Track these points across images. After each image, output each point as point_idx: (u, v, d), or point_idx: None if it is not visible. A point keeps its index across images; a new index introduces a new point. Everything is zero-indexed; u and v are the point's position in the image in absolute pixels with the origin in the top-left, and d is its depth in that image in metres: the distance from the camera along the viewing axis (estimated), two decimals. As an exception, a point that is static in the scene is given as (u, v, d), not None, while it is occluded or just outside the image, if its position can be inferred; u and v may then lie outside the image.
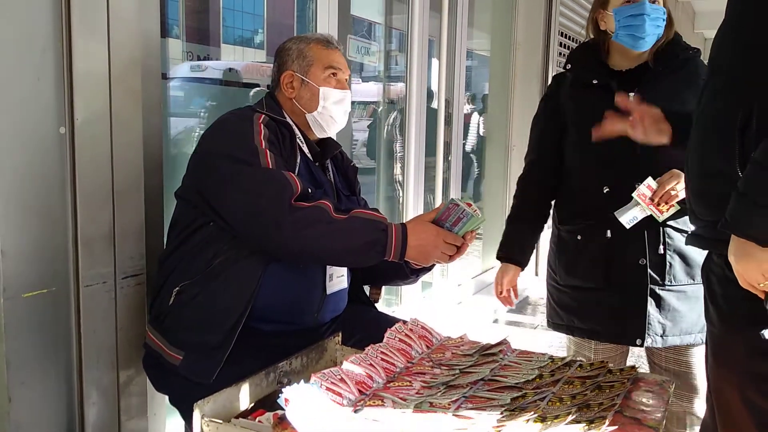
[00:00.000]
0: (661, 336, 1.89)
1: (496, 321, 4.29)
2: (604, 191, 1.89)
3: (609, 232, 1.89)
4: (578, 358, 1.42)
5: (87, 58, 1.55)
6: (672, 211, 1.82)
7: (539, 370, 1.34)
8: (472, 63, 5.08)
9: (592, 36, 2.00)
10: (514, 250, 2.16)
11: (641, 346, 1.91)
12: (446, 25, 3.86)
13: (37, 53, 1.46)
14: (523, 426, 1.07)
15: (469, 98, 5.35)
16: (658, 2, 1.85)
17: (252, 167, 1.47)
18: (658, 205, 1.80)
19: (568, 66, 2.03)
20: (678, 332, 1.89)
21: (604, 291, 1.93)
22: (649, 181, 1.81)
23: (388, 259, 1.48)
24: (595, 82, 1.92)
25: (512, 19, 4.92)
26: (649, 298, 1.88)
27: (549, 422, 1.09)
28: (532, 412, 1.13)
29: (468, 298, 4.45)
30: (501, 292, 2.17)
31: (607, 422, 1.09)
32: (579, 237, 1.98)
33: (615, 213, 1.85)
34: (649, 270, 1.87)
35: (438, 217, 1.52)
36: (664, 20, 1.85)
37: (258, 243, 1.50)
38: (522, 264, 2.16)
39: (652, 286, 1.88)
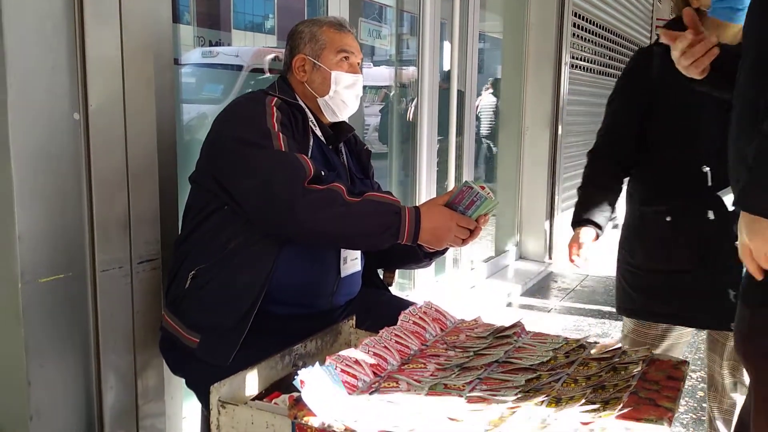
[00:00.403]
0: None
1: (509, 305, 4.29)
2: (704, 170, 1.79)
3: (711, 213, 1.80)
4: (593, 340, 1.41)
5: (100, 45, 1.55)
6: None
7: (554, 351, 1.34)
8: (484, 45, 5.04)
9: (676, 14, 1.92)
10: (591, 212, 2.00)
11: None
12: (458, 7, 3.82)
13: (51, 40, 1.47)
14: (537, 407, 1.07)
15: (491, 83, 5.33)
16: None
17: (264, 150, 1.47)
18: None
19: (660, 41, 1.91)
20: None
21: (695, 274, 1.84)
22: None
23: (401, 242, 1.48)
24: None
25: (525, 0, 4.86)
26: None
27: (564, 403, 1.09)
28: (547, 394, 1.13)
29: (481, 282, 4.46)
30: (576, 254, 2.01)
31: (621, 403, 1.09)
32: (668, 218, 1.87)
33: (720, 193, 1.75)
34: None
35: (451, 200, 1.52)
36: None
37: (271, 226, 1.50)
38: (600, 226, 2.00)
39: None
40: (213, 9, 2.89)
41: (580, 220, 2.02)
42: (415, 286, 3.62)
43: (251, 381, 1.30)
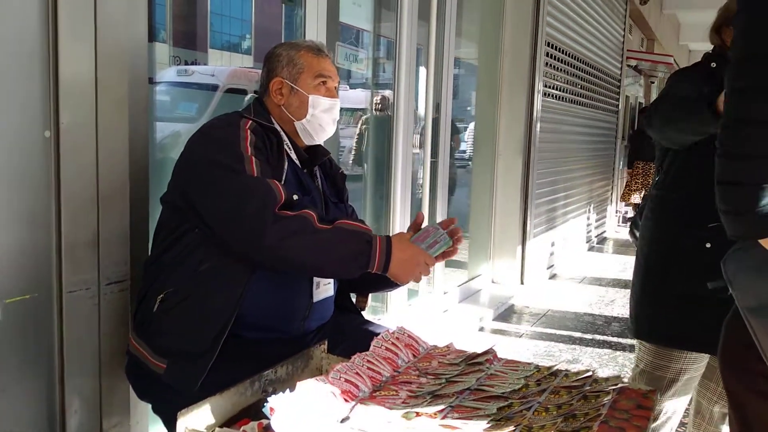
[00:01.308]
0: None
1: (481, 329, 4.29)
2: None
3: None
4: (564, 368, 1.42)
5: (73, 63, 1.54)
6: None
7: (525, 379, 1.33)
8: (460, 71, 5.11)
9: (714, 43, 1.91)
10: None
11: None
12: (434, 33, 3.87)
13: (24, 57, 1.45)
14: (509, 436, 1.07)
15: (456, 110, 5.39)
16: None
17: (237, 174, 1.46)
18: None
19: (713, 65, 1.89)
20: None
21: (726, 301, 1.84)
22: None
23: (371, 272, 1.48)
24: None
25: (500, 28, 4.95)
26: None
27: (535, 432, 1.09)
28: (518, 422, 1.13)
29: (454, 306, 4.46)
30: None
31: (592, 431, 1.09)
32: (708, 245, 1.81)
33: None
34: None
35: (416, 237, 1.58)
36: None
37: (241, 251, 1.48)
38: None
39: None
40: (189, 28, 2.89)
41: None
42: (388, 310, 3.61)
43: (219, 407, 1.27)
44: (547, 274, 5.82)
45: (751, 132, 1.03)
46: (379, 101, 3.68)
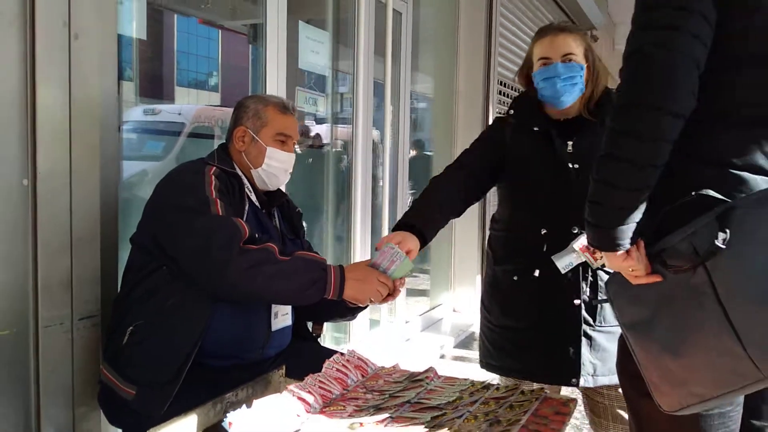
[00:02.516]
0: (592, 376, 1.93)
1: (443, 356, 4.44)
2: (542, 233, 1.94)
3: (537, 272, 1.94)
4: (495, 382, 1.59)
5: (50, 114, 1.68)
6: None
7: (460, 392, 1.51)
8: (418, 105, 5.32)
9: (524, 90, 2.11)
10: (418, 218, 1.89)
11: (576, 386, 1.94)
12: (390, 69, 4.03)
13: (3, 108, 1.60)
14: (438, 440, 1.24)
15: (414, 144, 5.58)
16: (575, 60, 1.93)
17: (204, 215, 1.62)
18: (594, 253, 1.81)
19: (511, 112, 2.08)
20: (607, 372, 1.93)
21: (538, 331, 1.96)
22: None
23: (327, 297, 1.64)
24: (535, 129, 1.98)
25: (454, 67, 5.20)
26: (583, 338, 1.92)
27: (462, 436, 1.25)
28: (449, 428, 1.29)
29: (416, 335, 4.60)
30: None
31: (511, 434, 1.26)
32: (515, 277, 1.99)
33: (553, 257, 1.89)
34: (582, 311, 1.92)
35: (374, 260, 1.71)
36: (581, 77, 1.93)
37: (208, 283, 1.63)
38: (424, 237, 1.85)
39: (584, 327, 1.92)
40: (156, 66, 2.97)
41: (404, 222, 1.88)
42: (350, 340, 3.74)
43: (184, 427, 1.41)
44: (508, 301, 5.97)
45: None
46: (313, 137, 3.82)
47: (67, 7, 1.71)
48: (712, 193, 1.15)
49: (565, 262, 1.89)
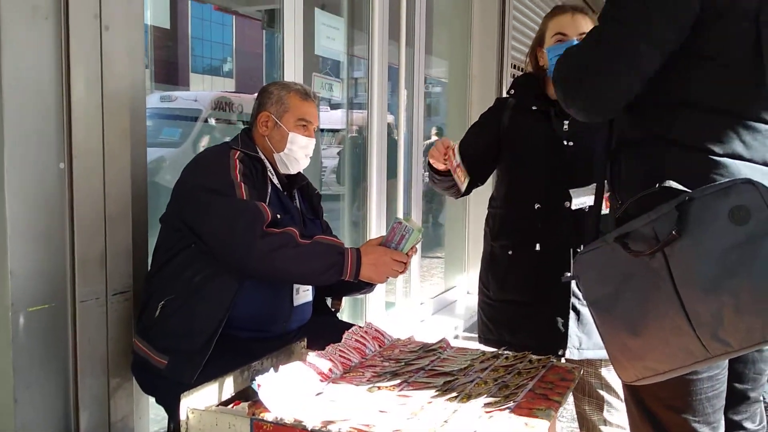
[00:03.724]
0: (578, 349, 1.97)
1: (456, 337, 4.54)
2: (536, 207, 2.00)
3: (538, 245, 2.00)
4: (505, 352, 1.68)
5: (83, 102, 1.79)
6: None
7: (471, 360, 1.60)
8: (433, 89, 5.36)
9: (531, 69, 2.15)
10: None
11: (562, 356, 1.98)
12: (404, 53, 4.08)
13: (41, 98, 1.70)
14: (447, 402, 1.34)
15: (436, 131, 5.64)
16: None
17: (228, 198, 1.73)
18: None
19: (512, 91, 2.14)
20: (592, 346, 1.97)
21: (534, 305, 2.01)
22: None
23: (345, 279, 1.74)
24: (534, 108, 2.04)
25: (468, 51, 5.24)
26: (571, 312, 1.98)
27: (473, 398, 1.35)
28: (460, 392, 1.39)
29: (429, 317, 4.70)
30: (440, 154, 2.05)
31: (519, 396, 1.36)
32: (510, 252, 2.06)
33: (571, 191, 1.91)
34: (572, 284, 1.96)
35: (385, 239, 1.80)
36: None
37: (233, 263, 1.74)
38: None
39: (573, 300, 1.98)
40: (171, 53, 3.02)
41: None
42: (366, 320, 3.84)
43: (215, 392, 1.52)
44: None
45: None
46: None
47: (98, 0, 1.81)
48: (674, 184, 1.23)
49: (580, 200, 1.92)
